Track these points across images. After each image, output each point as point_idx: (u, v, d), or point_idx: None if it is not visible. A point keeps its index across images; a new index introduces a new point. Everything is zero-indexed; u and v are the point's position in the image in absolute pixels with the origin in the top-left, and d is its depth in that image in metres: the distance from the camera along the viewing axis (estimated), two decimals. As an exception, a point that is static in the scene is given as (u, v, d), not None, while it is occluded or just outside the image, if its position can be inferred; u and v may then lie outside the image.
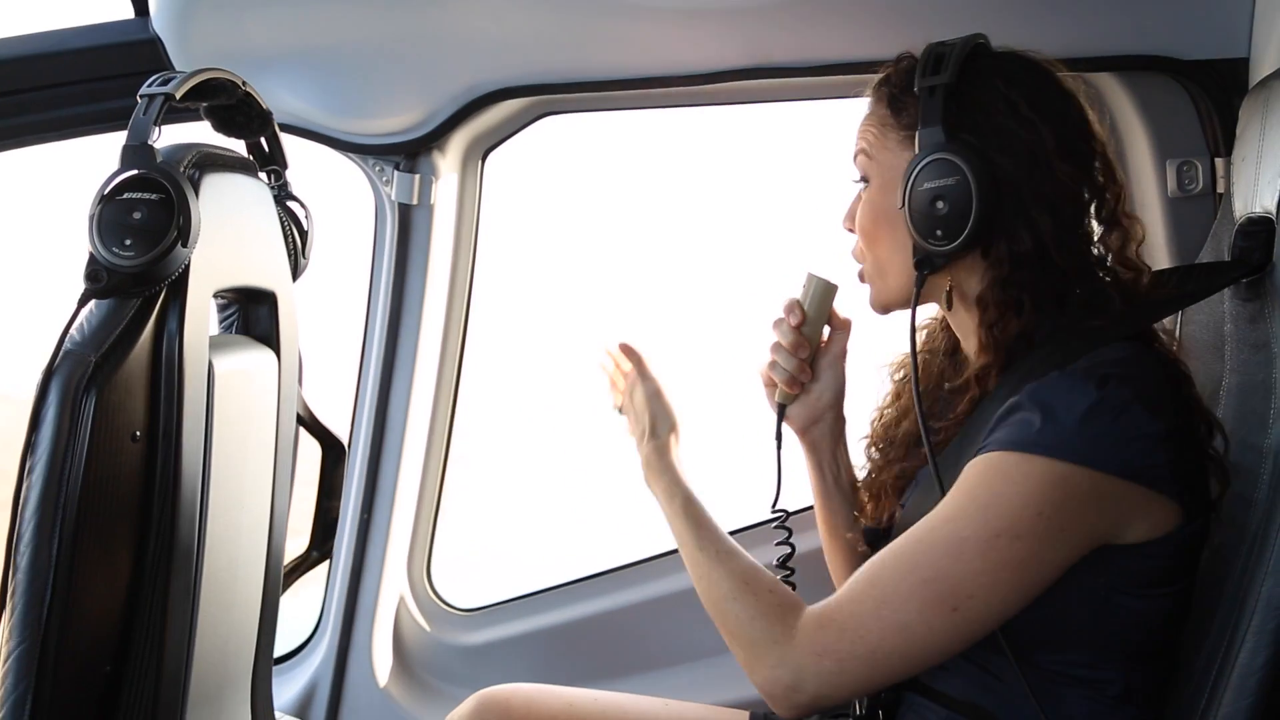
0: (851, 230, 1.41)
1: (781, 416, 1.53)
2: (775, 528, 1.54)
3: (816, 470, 1.55)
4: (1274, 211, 1.34)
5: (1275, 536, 1.24)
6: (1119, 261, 1.32)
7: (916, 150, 1.30)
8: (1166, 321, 1.48)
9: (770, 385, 1.53)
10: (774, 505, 1.53)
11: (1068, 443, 1.18)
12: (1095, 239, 1.34)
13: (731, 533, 1.38)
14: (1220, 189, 1.84)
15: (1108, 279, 1.32)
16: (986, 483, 1.20)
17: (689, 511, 1.39)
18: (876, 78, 1.40)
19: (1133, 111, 1.89)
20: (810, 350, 1.51)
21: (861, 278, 1.42)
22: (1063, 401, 1.19)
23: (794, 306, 1.50)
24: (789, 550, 1.53)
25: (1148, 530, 1.22)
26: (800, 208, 2.97)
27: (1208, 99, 1.82)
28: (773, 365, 1.51)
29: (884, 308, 1.41)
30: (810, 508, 1.60)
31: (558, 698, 1.56)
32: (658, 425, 1.47)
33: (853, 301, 1.48)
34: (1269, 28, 1.67)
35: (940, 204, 1.27)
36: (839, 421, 1.55)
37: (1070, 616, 1.24)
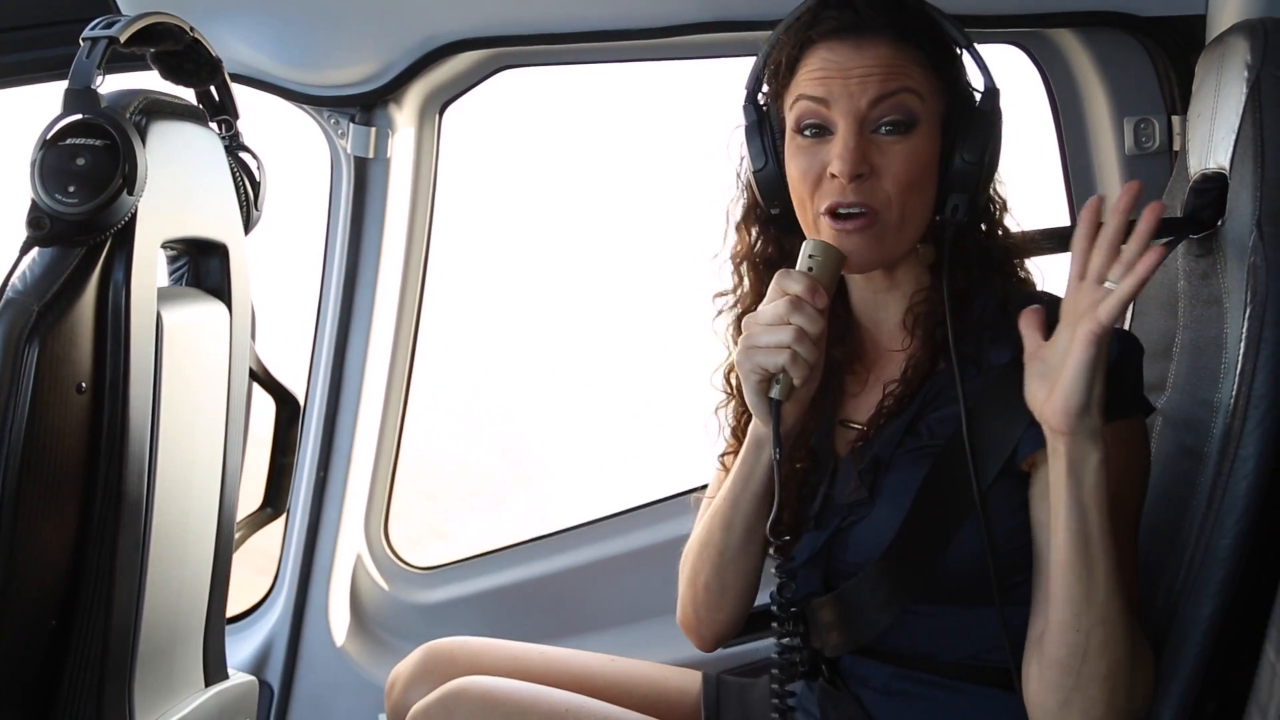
0: (859, 176, 1.24)
1: (779, 417, 1.24)
2: (776, 555, 1.26)
3: (766, 473, 1.29)
4: (1227, 168, 1.35)
5: (1223, 490, 1.25)
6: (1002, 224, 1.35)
7: (983, 102, 1.28)
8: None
9: (766, 380, 1.23)
10: (772, 526, 1.25)
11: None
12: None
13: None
14: (1177, 147, 1.85)
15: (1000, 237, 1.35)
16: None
17: None
18: (886, 9, 1.25)
19: (1091, 68, 1.89)
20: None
21: (861, 229, 1.24)
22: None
23: (816, 285, 1.21)
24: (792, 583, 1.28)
25: None
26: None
27: (1165, 56, 1.83)
28: (793, 358, 1.21)
29: (877, 264, 1.29)
30: None
31: (504, 650, 1.56)
32: None
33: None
34: (1226, -16, 1.67)
35: (999, 161, 1.30)
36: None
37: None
